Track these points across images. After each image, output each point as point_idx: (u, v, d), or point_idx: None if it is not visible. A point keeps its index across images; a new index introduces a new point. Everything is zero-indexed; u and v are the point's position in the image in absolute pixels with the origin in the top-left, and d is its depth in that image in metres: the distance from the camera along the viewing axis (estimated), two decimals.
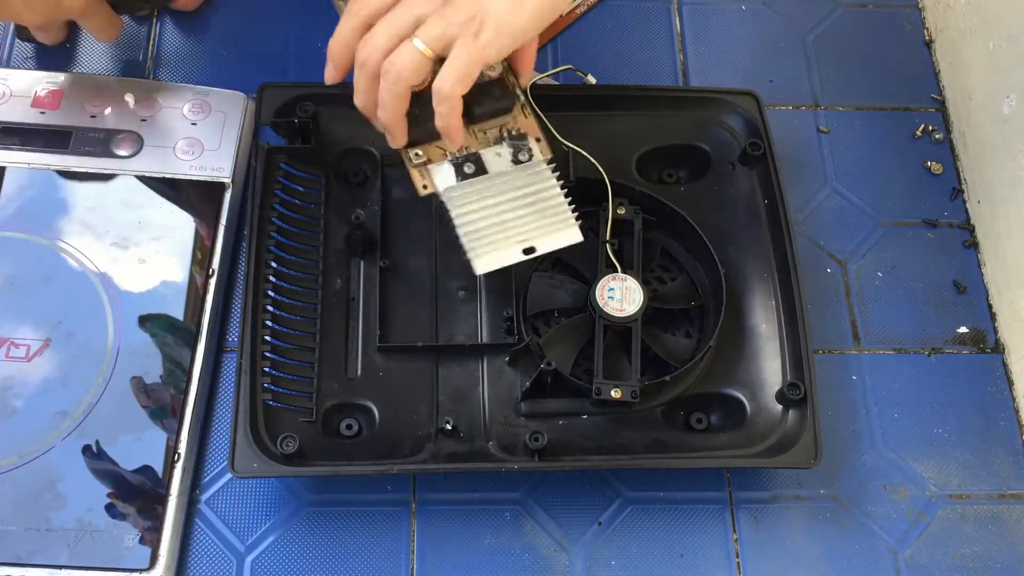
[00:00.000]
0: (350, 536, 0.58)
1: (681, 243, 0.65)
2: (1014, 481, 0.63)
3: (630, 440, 0.59)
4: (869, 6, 0.78)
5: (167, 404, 0.58)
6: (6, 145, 0.64)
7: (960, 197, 0.71)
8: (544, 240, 0.55)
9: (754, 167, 0.66)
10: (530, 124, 0.58)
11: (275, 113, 0.63)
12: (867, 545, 0.60)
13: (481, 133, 0.58)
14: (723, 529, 0.60)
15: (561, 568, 0.58)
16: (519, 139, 0.57)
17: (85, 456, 0.57)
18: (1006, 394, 0.65)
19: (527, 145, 0.57)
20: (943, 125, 0.74)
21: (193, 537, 0.58)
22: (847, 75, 0.75)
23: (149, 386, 0.59)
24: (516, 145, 0.57)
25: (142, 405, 0.58)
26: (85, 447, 0.57)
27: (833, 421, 0.63)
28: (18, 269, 0.61)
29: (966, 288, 0.68)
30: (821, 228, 0.69)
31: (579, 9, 0.75)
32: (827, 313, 0.67)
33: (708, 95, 0.68)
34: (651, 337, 0.60)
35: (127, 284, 0.61)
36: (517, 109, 0.58)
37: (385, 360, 0.60)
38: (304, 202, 0.63)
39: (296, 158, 0.63)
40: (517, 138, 0.57)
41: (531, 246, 0.55)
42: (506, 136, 0.58)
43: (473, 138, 0.58)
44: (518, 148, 0.57)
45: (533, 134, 0.58)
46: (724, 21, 0.77)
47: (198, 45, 0.72)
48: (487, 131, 0.58)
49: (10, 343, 0.59)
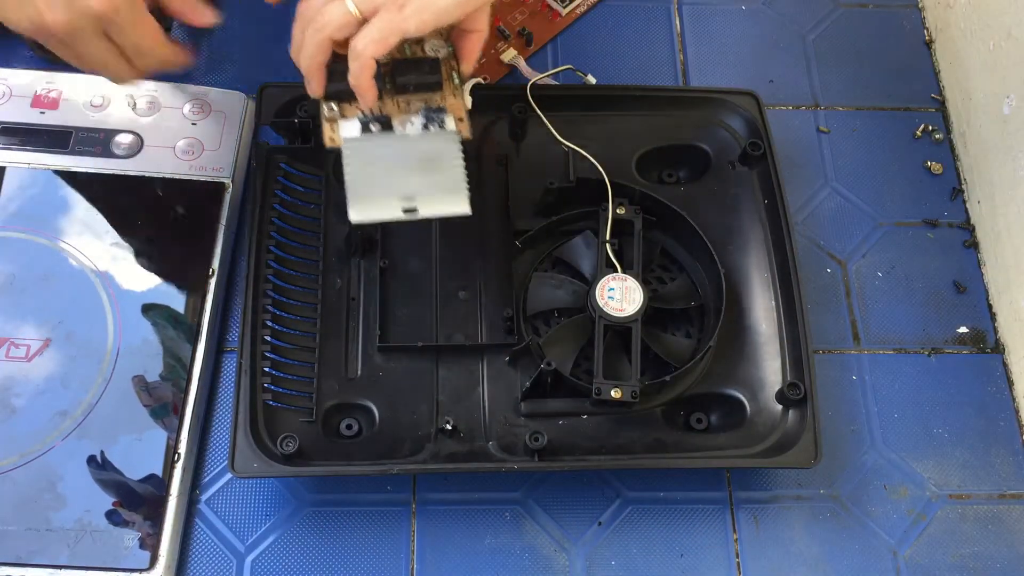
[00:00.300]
0: (350, 536, 0.58)
1: (681, 243, 0.65)
2: (1014, 481, 0.63)
3: (630, 440, 0.59)
4: (869, 6, 0.78)
5: (168, 403, 0.58)
6: (6, 145, 0.64)
7: (960, 197, 0.71)
8: (429, 204, 0.54)
9: (754, 167, 0.66)
10: (456, 105, 0.58)
11: (275, 113, 0.63)
12: (867, 545, 0.60)
13: (404, 103, 0.57)
14: (723, 529, 0.60)
15: (561, 568, 0.58)
16: (436, 112, 0.57)
17: (85, 456, 0.57)
18: (1006, 394, 0.65)
19: (441, 118, 0.57)
20: (943, 125, 0.74)
21: (193, 537, 0.58)
22: (847, 75, 0.75)
23: (150, 384, 0.59)
24: (430, 116, 0.57)
25: (143, 404, 0.58)
26: (85, 447, 0.57)
27: (833, 421, 0.63)
28: (18, 269, 0.61)
29: (966, 288, 0.68)
30: (821, 228, 0.69)
31: (579, 9, 0.76)
32: (827, 313, 0.67)
33: (708, 95, 0.68)
34: (651, 337, 0.60)
35: (127, 284, 0.61)
36: (447, 89, 0.58)
37: (385, 360, 0.60)
38: (304, 202, 0.63)
39: (296, 158, 0.63)
40: (435, 111, 0.57)
41: (413, 206, 0.54)
42: (425, 107, 0.57)
43: (395, 107, 0.57)
44: (431, 119, 0.57)
45: (456, 113, 0.57)
46: (724, 21, 0.77)
47: (198, 45, 0.72)
48: (410, 103, 0.57)
49: (10, 343, 0.59)
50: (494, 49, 0.73)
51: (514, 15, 0.75)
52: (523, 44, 0.73)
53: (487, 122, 0.66)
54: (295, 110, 0.63)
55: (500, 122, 0.66)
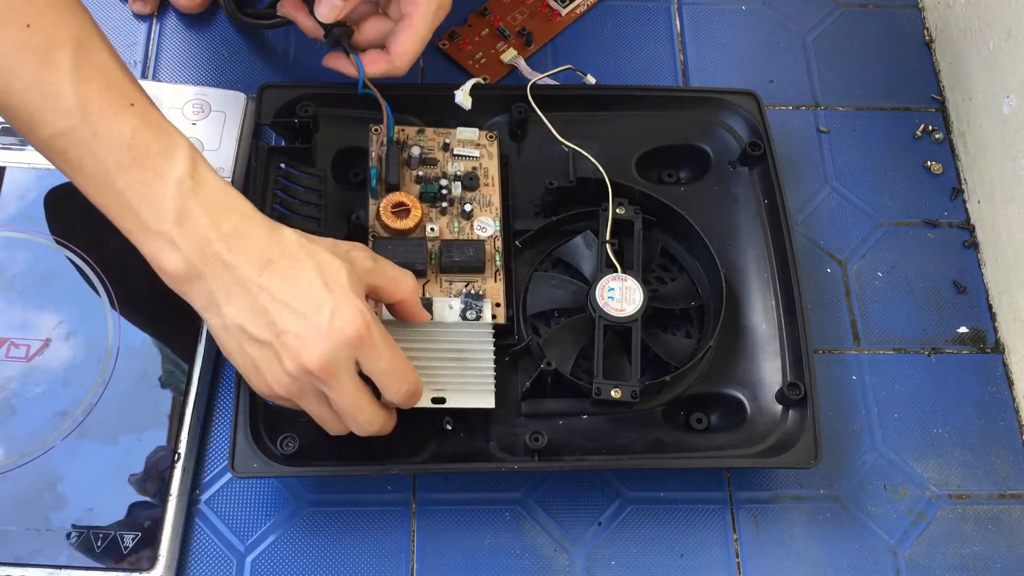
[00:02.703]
0: (350, 536, 0.58)
1: (681, 243, 0.65)
2: (1014, 481, 0.63)
3: (630, 440, 0.59)
4: (869, 6, 0.78)
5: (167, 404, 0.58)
6: (6, 145, 0.64)
7: (960, 197, 0.71)
8: (457, 397, 0.56)
9: (754, 167, 0.66)
10: (495, 289, 0.60)
11: (275, 113, 0.63)
12: (867, 545, 0.60)
13: (447, 283, 0.60)
14: (723, 529, 0.60)
15: (561, 568, 0.58)
16: (476, 299, 0.59)
17: (85, 456, 0.57)
18: (1006, 394, 0.65)
19: (480, 306, 0.59)
20: (943, 125, 0.74)
21: (193, 537, 0.58)
22: (847, 75, 0.75)
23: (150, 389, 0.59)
24: (469, 303, 0.59)
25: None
26: (85, 447, 0.57)
27: (833, 421, 0.63)
28: (18, 269, 0.61)
29: (966, 288, 0.68)
30: (821, 228, 0.69)
31: (579, 9, 0.76)
32: (827, 313, 0.67)
33: (708, 95, 0.68)
34: (651, 337, 0.60)
35: (127, 284, 0.61)
36: (488, 271, 0.60)
37: None
38: (304, 202, 0.63)
39: (296, 158, 0.63)
40: (474, 297, 0.59)
41: (442, 397, 0.56)
42: (465, 293, 0.60)
43: (438, 288, 0.60)
44: (470, 306, 0.59)
45: (494, 299, 0.60)
46: (724, 21, 0.77)
47: (198, 45, 0.72)
48: (452, 283, 0.60)
49: (10, 343, 0.59)
50: (494, 49, 0.73)
51: (514, 15, 0.75)
52: (523, 44, 0.73)
53: (487, 122, 0.66)
54: (295, 110, 0.63)
55: (500, 122, 0.66)
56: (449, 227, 0.62)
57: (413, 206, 0.61)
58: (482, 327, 0.58)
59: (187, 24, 0.73)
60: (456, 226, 0.62)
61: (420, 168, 0.63)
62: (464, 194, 0.63)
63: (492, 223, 0.62)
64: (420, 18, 0.58)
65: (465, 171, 0.63)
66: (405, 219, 0.60)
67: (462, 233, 0.62)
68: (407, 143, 0.64)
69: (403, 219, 0.60)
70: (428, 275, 0.60)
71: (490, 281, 0.60)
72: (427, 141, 0.64)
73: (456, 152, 0.64)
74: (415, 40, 0.59)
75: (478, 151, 0.64)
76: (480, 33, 0.73)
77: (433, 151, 0.64)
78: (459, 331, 0.58)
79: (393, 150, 0.62)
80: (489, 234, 0.62)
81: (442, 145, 0.64)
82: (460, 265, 0.60)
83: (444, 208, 0.62)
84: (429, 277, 0.60)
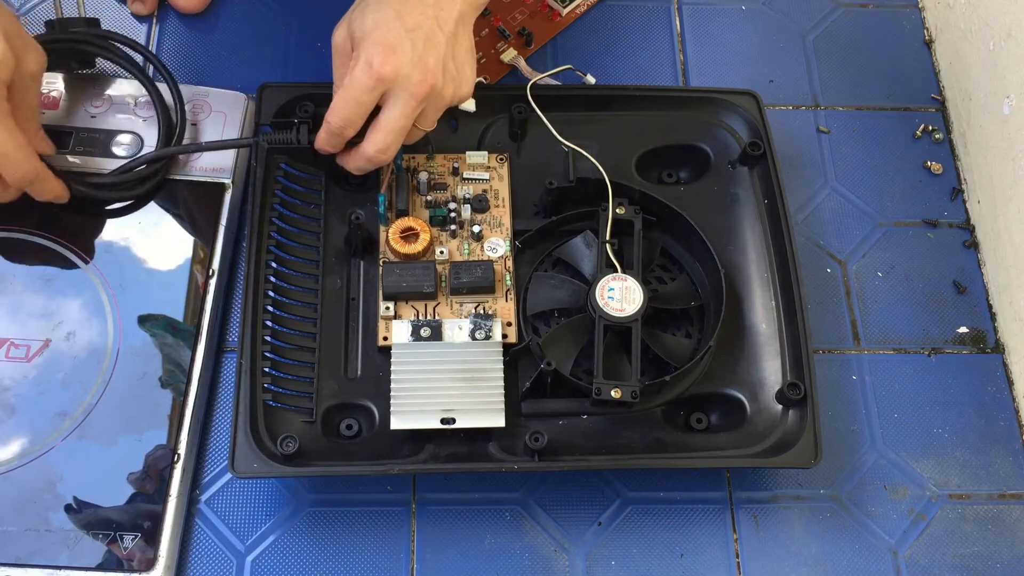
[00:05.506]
0: (350, 536, 0.58)
1: (681, 243, 0.65)
2: (1014, 481, 0.63)
3: (630, 440, 0.59)
4: (869, 6, 0.78)
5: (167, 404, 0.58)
6: None
7: (960, 197, 0.71)
8: (467, 417, 0.57)
9: (754, 167, 0.66)
10: (506, 308, 0.61)
11: (275, 113, 0.63)
12: (867, 545, 0.60)
13: (458, 305, 0.60)
14: (723, 529, 0.60)
15: (561, 568, 0.58)
16: (485, 319, 0.59)
17: (85, 456, 0.57)
18: (1006, 394, 0.65)
19: (489, 326, 0.59)
20: (943, 125, 0.74)
21: (193, 537, 0.58)
22: (847, 75, 0.75)
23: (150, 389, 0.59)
24: (478, 323, 0.59)
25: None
26: (85, 447, 0.57)
27: (833, 421, 0.63)
28: (18, 269, 0.61)
29: (966, 288, 0.68)
30: (821, 228, 0.69)
31: (579, 9, 0.76)
32: (827, 313, 0.67)
33: (708, 95, 0.68)
34: (651, 337, 0.60)
35: (127, 284, 0.61)
36: (499, 291, 0.61)
37: (385, 360, 0.60)
38: (304, 202, 0.63)
39: (296, 158, 0.63)
40: (483, 317, 0.60)
41: (452, 417, 0.56)
42: (474, 313, 0.60)
43: (448, 309, 0.60)
44: (479, 326, 0.59)
45: (505, 318, 0.60)
46: (724, 21, 0.77)
47: (198, 45, 0.72)
48: (463, 304, 0.61)
49: (10, 343, 0.59)
50: (494, 49, 0.73)
51: (514, 15, 0.75)
52: (523, 44, 0.73)
53: (487, 122, 0.66)
54: (295, 110, 0.63)
55: (500, 122, 0.67)
56: (460, 249, 0.62)
57: (422, 230, 0.61)
58: (491, 346, 0.59)
59: (187, 24, 0.73)
60: (467, 248, 0.62)
61: (430, 193, 0.64)
62: (474, 216, 0.63)
63: (503, 244, 0.62)
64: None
65: (475, 194, 0.64)
66: (414, 243, 0.61)
67: (473, 255, 0.62)
68: (416, 170, 0.64)
69: (412, 243, 0.61)
70: (438, 297, 0.60)
71: (501, 301, 0.61)
72: (437, 167, 0.65)
73: (466, 176, 0.64)
74: (375, 127, 0.57)
75: (488, 173, 0.64)
76: (480, 33, 0.73)
77: (443, 176, 0.64)
78: (468, 351, 0.58)
79: (403, 176, 0.63)
80: (500, 255, 0.62)
81: (451, 170, 0.64)
82: (469, 286, 0.60)
83: (454, 231, 0.62)
84: (440, 299, 0.60)
